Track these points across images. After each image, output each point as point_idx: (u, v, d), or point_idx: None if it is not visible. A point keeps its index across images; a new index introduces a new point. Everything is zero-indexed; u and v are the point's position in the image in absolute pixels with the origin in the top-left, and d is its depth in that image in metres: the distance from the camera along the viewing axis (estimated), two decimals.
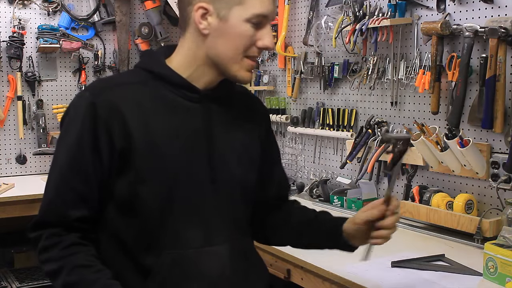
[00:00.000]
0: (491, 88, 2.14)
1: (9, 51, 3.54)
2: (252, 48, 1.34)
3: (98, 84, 1.41)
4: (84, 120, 1.29)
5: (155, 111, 1.33)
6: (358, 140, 2.76)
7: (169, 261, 1.32)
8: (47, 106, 3.75)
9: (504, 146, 2.19)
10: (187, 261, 1.33)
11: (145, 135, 1.30)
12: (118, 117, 1.29)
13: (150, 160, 1.30)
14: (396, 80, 2.63)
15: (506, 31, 2.09)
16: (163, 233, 1.33)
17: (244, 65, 1.35)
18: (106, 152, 1.29)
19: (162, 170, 1.31)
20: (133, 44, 3.99)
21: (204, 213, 1.36)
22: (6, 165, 3.67)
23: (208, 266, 1.35)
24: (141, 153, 1.30)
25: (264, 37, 1.34)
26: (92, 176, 1.30)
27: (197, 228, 1.35)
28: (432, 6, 2.45)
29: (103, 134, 1.29)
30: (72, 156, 1.31)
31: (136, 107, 1.31)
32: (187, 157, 1.34)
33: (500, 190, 2.18)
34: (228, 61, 1.34)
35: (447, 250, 2.08)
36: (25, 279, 3.47)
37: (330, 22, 2.97)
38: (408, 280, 1.82)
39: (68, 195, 1.31)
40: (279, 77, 3.46)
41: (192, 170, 1.35)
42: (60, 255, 1.28)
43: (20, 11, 3.65)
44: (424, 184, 2.52)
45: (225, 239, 1.38)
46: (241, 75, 1.36)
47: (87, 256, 1.30)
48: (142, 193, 1.31)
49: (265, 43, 1.34)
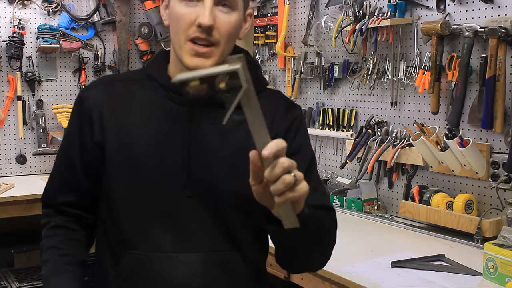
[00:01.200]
0: (491, 88, 2.15)
1: (9, 51, 3.53)
2: (191, 28, 1.22)
3: (96, 80, 1.46)
4: (73, 114, 1.39)
5: (137, 111, 1.31)
6: (358, 140, 2.76)
7: (133, 261, 1.30)
8: (47, 106, 3.75)
9: (504, 146, 2.19)
10: (151, 264, 1.29)
11: (119, 131, 1.30)
12: (97, 110, 1.33)
13: (120, 159, 1.30)
14: (396, 80, 2.64)
15: (506, 31, 2.09)
16: (132, 233, 1.30)
17: (186, 49, 1.24)
18: (88, 143, 1.34)
19: (130, 169, 1.29)
20: (133, 44, 3.99)
21: (177, 218, 1.29)
22: (6, 165, 3.67)
23: (174, 273, 1.29)
24: (112, 150, 1.30)
25: (200, 14, 1.22)
26: (78, 166, 1.36)
27: (167, 232, 1.29)
28: (432, 6, 2.45)
29: (87, 126, 1.34)
30: (63, 147, 1.41)
31: (118, 104, 1.32)
32: (161, 159, 1.29)
33: (500, 190, 2.18)
34: (176, 47, 1.26)
35: (447, 250, 2.08)
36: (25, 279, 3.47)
37: (330, 22, 2.97)
38: (408, 280, 1.82)
39: (56, 181, 1.41)
40: (279, 77, 3.46)
41: (166, 174, 1.29)
42: (45, 234, 1.39)
43: (20, 11, 3.65)
44: (424, 184, 2.52)
45: (201, 247, 1.30)
46: (186, 61, 1.24)
47: (62, 239, 1.36)
48: (113, 189, 1.31)
49: (199, 20, 1.21)
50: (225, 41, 1.25)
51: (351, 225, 2.52)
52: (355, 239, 2.31)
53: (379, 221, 2.57)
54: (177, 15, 1.24)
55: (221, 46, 1.24)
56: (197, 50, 1.23)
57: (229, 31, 1.24)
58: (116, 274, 1.32)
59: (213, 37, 1.23)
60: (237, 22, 1.26)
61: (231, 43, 1.28)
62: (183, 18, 1.23)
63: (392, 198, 2.70)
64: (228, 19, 1.24)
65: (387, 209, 2.73)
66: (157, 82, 1.33)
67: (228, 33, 1.24)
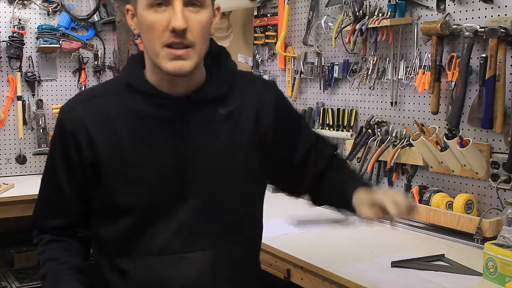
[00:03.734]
0: (491, 88, 2.14)
1: (9, 51, 3.54)
2: (165, 33, 1.22)
3: (73, 98, 1.40)
4: (55, 138, 1.36)
5: (122, 124, 1.30)
6: (358, 140, 2.76)
7: (142, 267, 1.31)
8: (47, 106, 3.75)
9: (504, 146, 2.19)
10: (162, 267, 1.32)
11: (110, 149, 1.30)
12: (83, 132, 1.30)
13: (117, 173, 1.30)
14: (396, 80, 2.63)
15: (506, 31, 2.09)
16: (137, 240, 1.32)
17: (164, 55, 1.24)
18: (77, 165, 1.33)
19: (130, 182, 1.30)
20: (133, 44, 3.99)
21: (181, 220, 1.32)
22: (6, 165, 3.67)
23: (185, 273, 1.32)
24: (108, 166, 1.30)
25: (172, 18, 1.21)
26: (67, 190, 1.35)
27: (173, 234, 1.31)
28: (432, 6, 2.45)
29: (72, 148, 1.32)
30: (48, 173, 1.41)
31: (102, 121, 1.31)
32: (156, 168, 1.30)
33: (500, 190, 2.18)
34: (152, 55, 1.26)
35: (447, 250, 2.08)
36: (25, 279, 3.48)
37: (330, 22, 2.97)
38: (408, 280, 1.82)
39: (46, 206, 1.41)
40: (279, 77, 3.46)
41: (162, 180, 1.31)
42: (40, 250, 1.40)
43: (20, 11, 3.65)
44: (424, 184, 2.52)
45: (206, 246, 1.33)
46: (166, 66, 1.24)
47: (57, 251, 1.37)
48: (115, 203, 1.32)
49: (172, 25, 1.21)
50: (200, 41, 1.25)
51: None
52: (355, 239, 2.31)
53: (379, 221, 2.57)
54: (148, 23, 1.24)
55: (197, 46, 1.25)
56: (174, 54, 1.23)
57: (202, 30, 1.25)
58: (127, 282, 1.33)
59: (188, 39, 1.23)
60: (208, 20, 1.27)
61: (206, 41, 1.29)
62: (155, 25, 1.23)
63: None
64: (199, 19, 1.24)
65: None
66: (139, 90, 1.32)
67: (201, 33, 1.25)
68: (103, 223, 1.36)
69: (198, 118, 1.32)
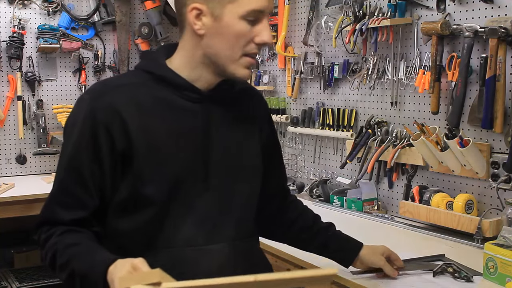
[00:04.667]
0: (491, 88, 2.14)
1: (9, 51, 3.54)
2: (250, 44, 1.32)
3: (98, 87, 1.39)
4: (83, 126, 1.31)
5: (154, 112, 1.33)
6: (358, 140, 2.76)
7: (166, 259, 1.32)
8: (47, 106, 3.75)
9: (504, 146, 2.19)
10: (185, 259, 1.33)
11: (145, 136, 1.31)
12: (117, 120, 1.30)
13: (150, 161, 1.31)
14: (396, 80, 2.63)
15: (506, 31, 2.09)
16: (161, 232, 1.33)
17: (242, 63, 1.33)
18: (106, 156, 1.30)
19: (161, 171, 1.32)
20: (133, 44, 3.99)
21: (203, 212, 1.36)
22: (6, 165, 3.67)
23: (207, 265, 1.34)
24: (141, 154, 1.31)
25: (262, 33, 1.31)
26: (90, 182, 1.31)
27: (196, 227, 1.35)
28: (432, 6, 2.45)
29: (104, 137, 1.29)
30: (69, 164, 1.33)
31: (135, 109, 1.32)
32: (185, 157, 1.35)
33: (500, 190, 2.18)
34: (226, 60, 1.32)
35: (447, 250, 2.08)
36: (25, 279, 3.48)
37: (330, 22, 2.97)
38: (408, 280, 1.82)
39: (64, 200, 1.33)
40: (279, 77, 3.46)
41: (189, 170, 1.35)
42: (53, 241, 1.30)
43: (20, 11, 3.65)
44: (424, 184, 2.52)
45: (226, 238, 1.38)
46: (240, 73, 1.34)
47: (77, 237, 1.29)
48: (142, 193, 1.32)
49: (263, 39, 1.31)
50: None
51: (351, 225, 2.52)
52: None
53: (379, 221, 2.57)
54: (237, 32, 1.30)
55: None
56: (252, 63, 1.35)
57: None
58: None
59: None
60: None
61: None
62: (244, 35, 1.30)
63: (392, 198, 2.70)
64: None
65: (387, 209, 2.73)
66: (168, 82, 1.35)
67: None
68: (124, 215, 1.34)
69: (220, 113, 1.40)
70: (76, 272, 1.23)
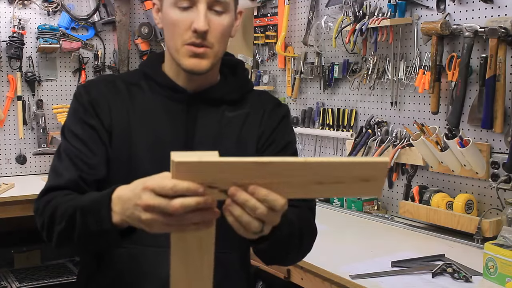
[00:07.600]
0: (491, 88, 2.15)
1: (9, 51, 3.54)
2: (187, 33, 1.26)
3: (93, 79, 1.46)
4: (76, 103, 1.34)
5: (137, 105, 1.34)
6: (358, 140, 2.77)
7: (125, 256, 1.29)
8: (47, 106, 3.75)
9: (504, 146, 2.19)
10: (144, 259, 1.30)
11: (124, 121, 1.32)
12: (105, 101, 1.33)
13: (119, 154, 1.31)
14: (396, 80, 2.64)
15: (506, 31, 2.09)
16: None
17: (184, 52, 1.28)
18: (99, 126, 1.32)
19: (127, 168, 1.30)
20: (133, 44, 3.99)
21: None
22: (6, 165, 3.67)
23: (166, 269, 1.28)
24: (117, 136, 1.31)
25: (195, 20, 1.26)
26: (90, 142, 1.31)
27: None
28: (432, 6, 2.45)
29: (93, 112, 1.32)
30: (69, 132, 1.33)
31: (121, 100, 1.34)
32: (156, 156, 1.30)
33: (500, 190, 2.18)
34: (172, 51, 1.31)
35: (447, 250, 2.08)
36: (25, 279, 3.48)
37: (330, 22, 2.97)
38: (408, 280, 1.82)
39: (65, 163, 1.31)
40: (279, 77, 3.46)
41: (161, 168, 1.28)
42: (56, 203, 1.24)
43: (20, 11, 3.65)
44: (424, 184, 2.52)
45: None
46: (184, 63, 1.29)
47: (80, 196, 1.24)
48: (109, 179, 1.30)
49: (195, 26, 1.25)
50: (219, 43, 1.30)
51: (351, 225, 2.53)
52: (355, 239, 2.31)
53: (379, 221, 2.57)
54: (171, 21, 1.28)
55: (215, 48, 1.30)
56: (194, 51, 1.27)
57: (222, 33, 1.30)
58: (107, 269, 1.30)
59: (208, 41, 1.28)
60: (230, 23, 1.32)
61: (225, 44, 1.34)
62: (178, 23, 1.27)
63: (392, 198, 2.71)
64: (221, 22, 1.29)
65: (387, 209, 2.73)
66: (154, 81, 1.36)
67: (221, 35, 1.30)
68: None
69: (206, 115, 1.36)
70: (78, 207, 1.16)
